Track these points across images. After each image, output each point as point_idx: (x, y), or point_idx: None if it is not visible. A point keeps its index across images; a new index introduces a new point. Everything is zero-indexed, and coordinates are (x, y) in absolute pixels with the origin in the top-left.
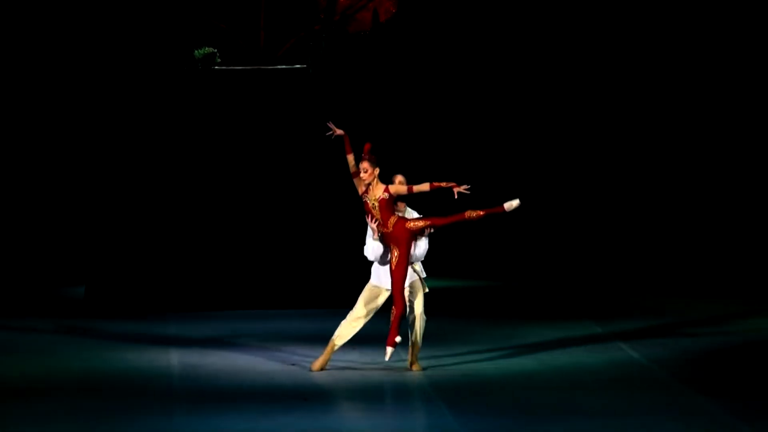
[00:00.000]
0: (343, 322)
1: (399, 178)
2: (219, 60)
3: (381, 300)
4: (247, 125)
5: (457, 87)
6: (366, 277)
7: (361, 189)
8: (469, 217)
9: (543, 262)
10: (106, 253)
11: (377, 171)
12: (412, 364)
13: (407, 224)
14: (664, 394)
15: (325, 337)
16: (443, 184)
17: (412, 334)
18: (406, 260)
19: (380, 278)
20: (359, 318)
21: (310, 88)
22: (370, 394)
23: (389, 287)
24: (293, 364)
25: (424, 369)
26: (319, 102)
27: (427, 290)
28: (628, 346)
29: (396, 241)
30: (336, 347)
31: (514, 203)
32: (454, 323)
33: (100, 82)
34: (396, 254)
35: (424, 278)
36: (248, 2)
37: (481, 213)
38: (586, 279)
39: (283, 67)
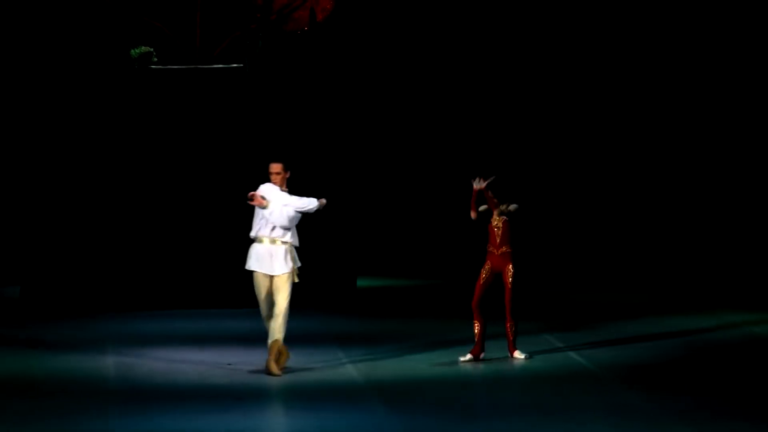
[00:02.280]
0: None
1: (276, 167)
2: (155, 59)
3: (267, 284)
4: (183, 125)
5: (399, 84)
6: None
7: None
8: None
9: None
10: (42, 254)
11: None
12: (270, 363)
13: (508, 266)
14: (601, 393)
15: (261, 337)
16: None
17: (272, 331)
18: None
19: (257, 262)
20: (268, 314)
21: (247, 88)
22: (305, 394)
23: (267, 271)
24: (229, 364)
25: (283, 372)
26: (256, 101)
27: (297, 280)
28: (566, 344)
29: (494, 265)
30: (278, 344)
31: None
32: (391, 323)
33: (33, 80)
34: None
35: (298, 267)
36: (184, 1)
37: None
38: (528, 278)
39: (220, 66)
